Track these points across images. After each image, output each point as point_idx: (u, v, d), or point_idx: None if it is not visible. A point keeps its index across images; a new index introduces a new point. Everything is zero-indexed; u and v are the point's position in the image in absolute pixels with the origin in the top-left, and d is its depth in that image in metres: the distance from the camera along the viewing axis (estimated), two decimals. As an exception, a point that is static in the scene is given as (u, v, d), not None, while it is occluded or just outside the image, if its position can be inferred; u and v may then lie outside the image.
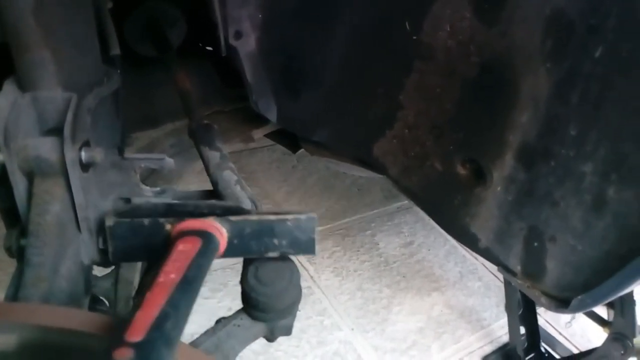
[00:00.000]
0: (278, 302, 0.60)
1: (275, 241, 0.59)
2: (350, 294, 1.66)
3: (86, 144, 0.55)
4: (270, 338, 0.64)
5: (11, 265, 1.51)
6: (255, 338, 0.62)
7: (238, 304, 0.64)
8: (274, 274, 0.60)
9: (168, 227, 0.56)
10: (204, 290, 1.54)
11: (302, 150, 1.35)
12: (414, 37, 0.83)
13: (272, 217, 0.58)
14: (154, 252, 0.58)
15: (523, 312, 1.44)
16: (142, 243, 0.58)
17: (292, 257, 0.64)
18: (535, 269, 0.84)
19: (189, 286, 0.45)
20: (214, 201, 0.62)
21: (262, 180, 2.06)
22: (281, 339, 1.50)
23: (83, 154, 0.54)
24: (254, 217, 0.58)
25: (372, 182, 2.16)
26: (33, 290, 0.50)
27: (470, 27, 0.77)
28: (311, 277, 1.69)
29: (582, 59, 0.68)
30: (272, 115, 1.04)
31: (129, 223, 0.57)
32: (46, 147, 0.54)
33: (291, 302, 0.61)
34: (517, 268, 0.86)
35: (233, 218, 0.57)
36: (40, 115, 0.57)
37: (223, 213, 0.58)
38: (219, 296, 1.55)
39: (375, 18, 0.88)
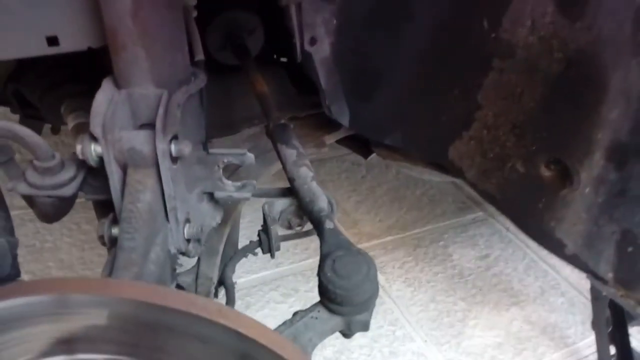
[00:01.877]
0: (355, 295, 0.59)
1: None
2: (422, 306, 1.62)
3: (175, 138, 0.58)
4: (348, 333, 0.63)
5: (99, 265, 1.61)
6: (333, 332, 0.62)
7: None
8: (351, 267, 0.60)
9: None
10: (275, 295, 1.57)
11: (371, 159, 1.34)
12: (493, 35, 0.81)
13: None
14: None
15: (612, 331, 1.33)
16: None
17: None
18: (629, 276, 0.79)
19: None
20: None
21: (332, 189, 2.07)
22: (353, 348, 1.49)
23: (173, 146, 0.57)
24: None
25: (443, 193, 2.11)
26: (125, 273, 0.53)
27: (553, 23, 0.74)
28: (382, 286, 1.67)
29: (679, 49, 0.64)
30: (344, 119, 1.05)
31: None
32: (139, 140, 0.57)
33: (368, 297, 0.60)
34: (609, 275, 0.81)
35: None
36: (134, 110, 0.61)
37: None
38: (290, 301, 1.56)
39: (450, 17, 0.87)
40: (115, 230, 0.62)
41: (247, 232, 1.55)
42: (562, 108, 0.78)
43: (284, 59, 1.31)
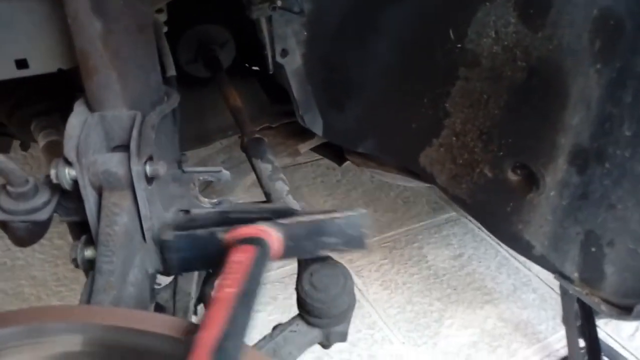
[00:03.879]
0: (333, 307, 0.61)
1: (328, 240, 0.60)
2: (400, 307, 1.65)
3: (150, 159, 0.58)
4: (326, 344, 0.65)
5: (73, 281, 1.58)
6: (312, 344, 0.63)
7: (287, 317, 0.65)
8: (328, 280, 0.61)
9: (222, 235, 0.58)
10: (254, 304, 1.57)
11: (346, 164, 1.36)
12: (458, 45, 0.84)
13: (323, 217, 0.59)
14: (210, 261, 0.61)
15: (582, 325, 1.38)
16: (198, 254, 0.61)
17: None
18: (593, 275, 0.82)
19: (247, 300, 0.46)
20: (264, 205, 0.64)
21: (307, 195, 2.09)
22: (332, 353, 1.51)
23: (148, 167, 0.58)
24: (304, 219, 0.59)
25: (417, 195, 2.15)
26: (104, 296, 0.53)
27: (516, 33, 0.77)
28: (359, 290, 1.69)
29: (633, 58, 0.67)
30: (318, 128, 1.07)
31: (185, 236, 0.60)
32: (114, 162, 0.58)
33: (345, 308, 0.62)
34: (575, 275, 0.84)
35: (284, 221, 0.58)
36: (107, 132, 0.61)
37: (274, 215, 0.59)
38: (269, 309, 1.57)
39: (418, 29, 0.89)
40: (88, 252, 0.62)
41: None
42: (527, 114, 0.81)
43: (255, 68, 1.32)
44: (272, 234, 0.57)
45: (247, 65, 1.30)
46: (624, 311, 0.80)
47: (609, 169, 0.74)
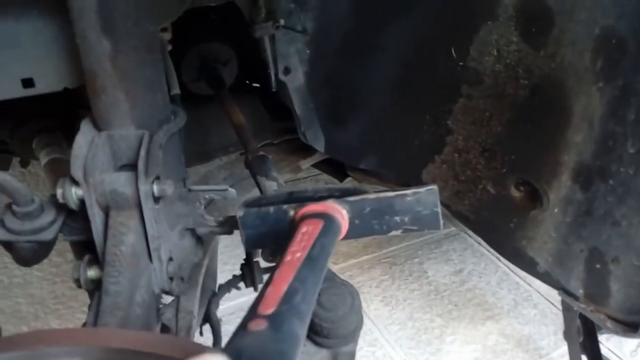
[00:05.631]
0: (341, 327, 0.60)
1: (397, 219, 0.58)
2: (401, 324, 1.64)
3: (157, 178, 0.58)
4: (334, 364, 0.64)
5: (72, 299, 1.57)
6: (320, 364, 0.62)
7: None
8: (336, 300, 0.61)
9: (291, 212, 0.58)
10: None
11: (347, 180, 1.37)
12: (461, 63, 0.85)
13: (391, 194, 0.57)
14: (281, 237, 0.60)
15: (584, 340, 1.37)
16: (269, 230, 0.60)
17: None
18: (598, 292, 0.82)
19: (314, 263, 0.46)
20: (332, 185, 0.63)
21: (307, 210, 2.08)
22: (334, 370, 1.48)
23: (155, 187, 0.57)
24: (372, 196, 0.57)
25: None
26: (111, 318, 0.53)
27: (518, 51, 0.78)
28: (360, 306, 1.68)
29: (636, 76, 0.68)
30: (320, 145, 1.07)
31: (257, 211, 0.59)
32: (121, 182, 0.57)
33: (353, 328, 0.61)
34: (579, 291, 0.84)
35: (351, 198, 0.57)
36: (114, 151, 0.61)
37: (341, 195, 0.58)
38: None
39: (420, 47, 0.90)
40: (91, 273, 0.61)
41: (223, 257, 1.54)
42: (529, 132, 0.81)
43: (256, 85, 1.32)
44: (340, 211, 0.56)
45: (248, 82, 1.31)
46: (630, 328, 0.80)
47: (612, 186, 0.74)
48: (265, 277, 0.78)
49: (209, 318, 0.76)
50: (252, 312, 0.39)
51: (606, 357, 1.49)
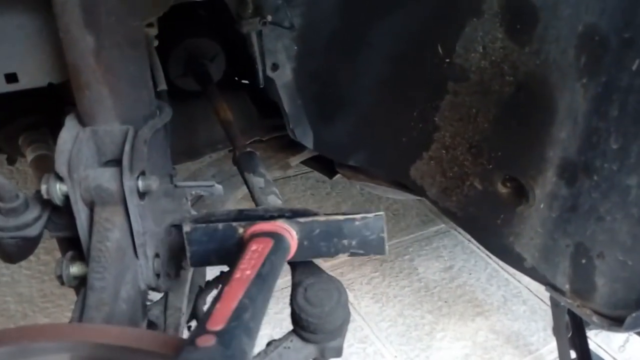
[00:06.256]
0: (328, 323, 0.60)
1: (345, 242, 0.59)
2: (391, 321, 1.65)
3: (142, 174, 0.58)
4: (321, 360, 0.64)
5: (60, 297, 1.56)
6: (306, 360, 0.62)
7: (279, 332, 0.64)
8: (323, 295, 0.61)
9: (240, 230, 0.58)
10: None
11: (336, 177, 1.37)
12: (447, 60, 0.85)
13: (340, 217, 0.59)
14: (228, 255, 0.61)
15: (572, 336, 1.39)
16: (217, 247, 0.61)
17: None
18: (584, 287, 0.82)
19: (263, 281, 0.47)
20: (282, 206, 0.64)
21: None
22: (324, 367, 1.49)
23: (140, 182, 0.57)
24: (322, 218, 0.58)
25: (407, 207, 2.15)
26: (96, 313, 0.53)
27: (503, 48, 0.78)
28: (351, 303, 1.68)
29: (618, 73, 0.68)
30: (308, 142, 1.07)
31: (204, 228, 0.60)
32: (106, 177, 0.57)
33: (340, 323, 0.62)
34: (566, 287, 0.85)
35: (301, 220, 0.58)
36: (99, 147, 0.60)
37: (292, 215, 0.59)
38: (260, 324, 1.55)
39: (407, 43, 0.90)
40: (74, 269, 0.61)
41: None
42: (515, 128, 0.82)
43: (245, 81, 1.32)
44: (290, 231, 0.57)
45: (236, 78, 1.31)
46: (615, 322, 0.80)
47: (597, 182, 0.75)
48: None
49: (196, 315, 0.76)
50: (201, 327, 0.39)
51: (594, 352, 1.51)
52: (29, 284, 1.62)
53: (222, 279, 0.83)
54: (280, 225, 0.57)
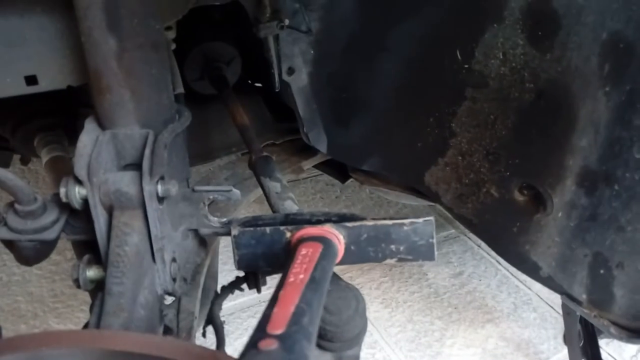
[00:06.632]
0: (345, 331, 0.59)
1: (393, 247, 0.58)
2: (401, 326, 1.63)
3: (162, 178, 0.58)
4: (337, 368, 0.64)
5: (71, 297, 1.56)
6: (323, 368, 0.62)
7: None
8: (341, 303, 0.60)
9: (288, 234, 0.58)
10: (254, 322, 1.55)
11: (350, 180, 1.36)
12: (466, 66, 0.84)
13: (389, 222, 0.58)
14: (276, 259, 0.61)
15: (584, 345, 1.37)
16: (264, 250, 0.61)
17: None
18: (602, 297, 0.81)
19: (317, 286, 0.47)
20: (328, 210, 0.63)
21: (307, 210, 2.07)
22: (333, 372, 1.48)
23: (159, 187, 0.57)
24: (370, 223, 0.58)
25: (416, 211, 2.14)
26: (114, 320, 0.52)
27: (524, 54, 0.77)
28: (360, 308, 1.67)
29: (643, 82, 0.67)
30: (322, 146, 1.06)
31: (252, 232, 0.59)
32: (125, 181, 0.57)
33: (358, 332, 0.61)
34: (583, 297, 0.84)
35: (349, 224, 0.58)
36: (119, 151, 0.60)
37: (339, 220, 0.59)
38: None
39: (425, 49, 0.90)
40: (90, 273, 0.61)
41: (223, 257, 1.53)
42: (534, 136, 0.81)
43: (259, 85, 1.32)
44: (338, 236, 0.56)
45: (250, 82, 1.31)
46: (634, 334, 0.79)
47: (618, 191, 0.74)
48: (269, 279, 0.77)
49: (212, 320, 0.75)
50: (261, 331, 0.39)
51: (606, 361, 1.49)
52: (39, 283, 1.63)
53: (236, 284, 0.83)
54: (328, 230, 0.57)
